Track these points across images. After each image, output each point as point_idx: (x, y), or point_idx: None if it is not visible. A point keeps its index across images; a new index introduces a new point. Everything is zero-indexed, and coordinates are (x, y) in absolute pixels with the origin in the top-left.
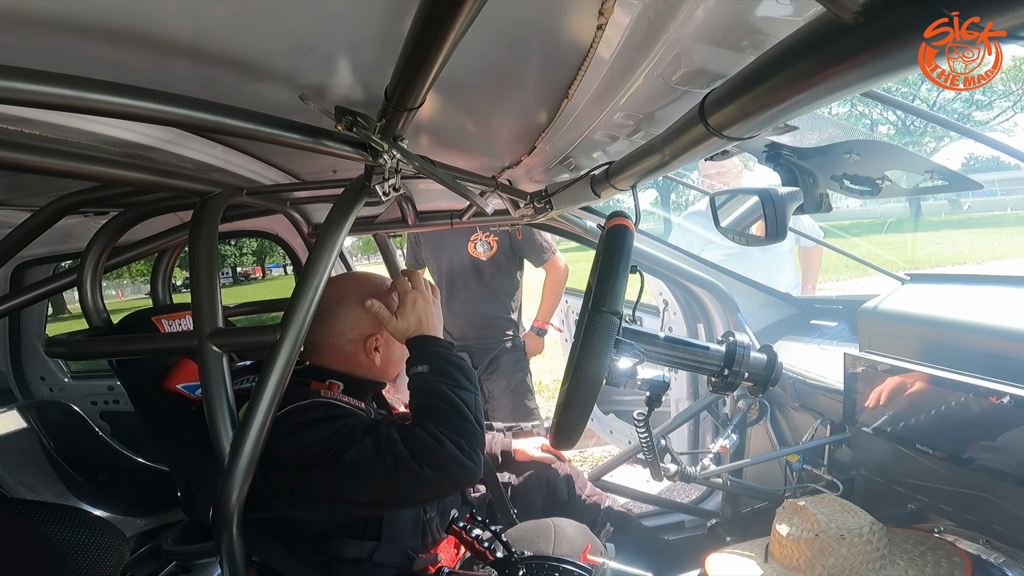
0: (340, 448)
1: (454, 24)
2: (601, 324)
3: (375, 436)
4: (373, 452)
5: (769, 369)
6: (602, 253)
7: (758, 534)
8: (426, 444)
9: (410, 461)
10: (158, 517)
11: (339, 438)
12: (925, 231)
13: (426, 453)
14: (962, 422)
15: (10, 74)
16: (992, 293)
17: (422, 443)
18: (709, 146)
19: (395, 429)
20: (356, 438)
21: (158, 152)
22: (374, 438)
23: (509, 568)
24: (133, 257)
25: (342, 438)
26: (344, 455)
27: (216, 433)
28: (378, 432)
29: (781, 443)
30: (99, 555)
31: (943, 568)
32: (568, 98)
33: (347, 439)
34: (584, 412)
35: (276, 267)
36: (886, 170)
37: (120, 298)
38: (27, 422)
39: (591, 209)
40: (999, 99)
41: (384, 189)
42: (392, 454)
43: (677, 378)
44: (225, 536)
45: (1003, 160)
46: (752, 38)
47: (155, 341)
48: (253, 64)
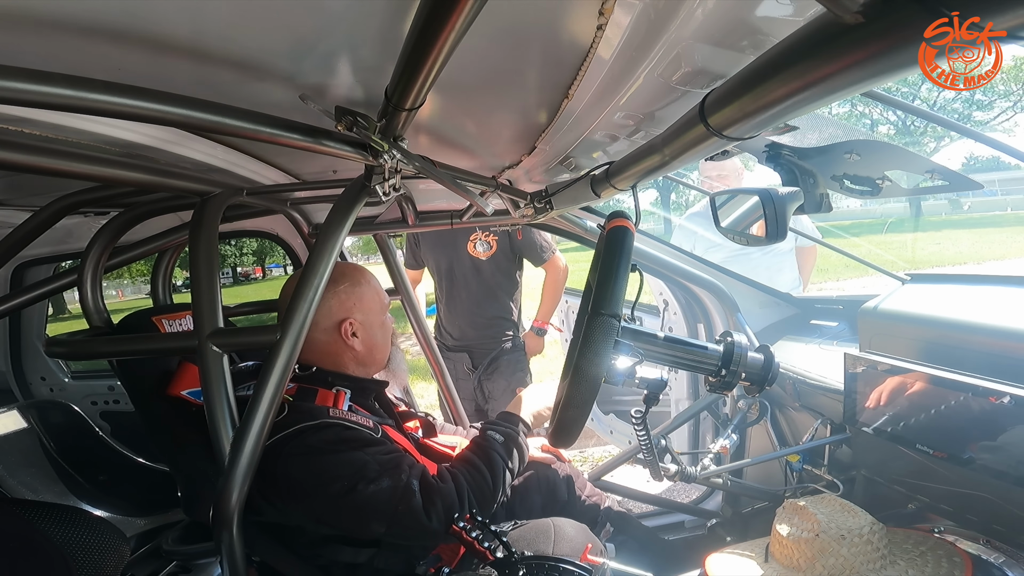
0: (353, 483)
1: (454, 24)
2: (601, 326)
3: (395, 480)
4: (388, 496)
5: (766, 369)
6: (602, 253)
7: (758, 534)
8: (449, 501)
9: (420, 514)
10: (158, 517)
11: (351, 472)
12: (925, 231)
13: (444, 509)
14: (962, 422)
15: (10, 74)
16: (992, 293)
17: (447, 497)
18: (709, 146)
19: (416, 479)
20: (371, 476)
21: (158, 152)
22: (393, 482)
23: (509, 568)
24: (133, 257)
25: (354, 472)
26: (356, 491)
27: (216, 433)
28: (398, 478)
29: (781, 443)
30: (99, 555)
31: (943, 568)
32: (568, 98)
33: (361, 475)
34: (583, 411)
35: (276, 267)
36: (886, 170)
37: (120, 298)
38: (27, 422)
39: (591, 209)
40: (999, 99)
41: (384, 189)
42: (404, 503)
43: (677, 378)
44: (225, 536)
45: (1003, 160)
46: (752, 38)
47: (155, 341)
48: (253, 64)
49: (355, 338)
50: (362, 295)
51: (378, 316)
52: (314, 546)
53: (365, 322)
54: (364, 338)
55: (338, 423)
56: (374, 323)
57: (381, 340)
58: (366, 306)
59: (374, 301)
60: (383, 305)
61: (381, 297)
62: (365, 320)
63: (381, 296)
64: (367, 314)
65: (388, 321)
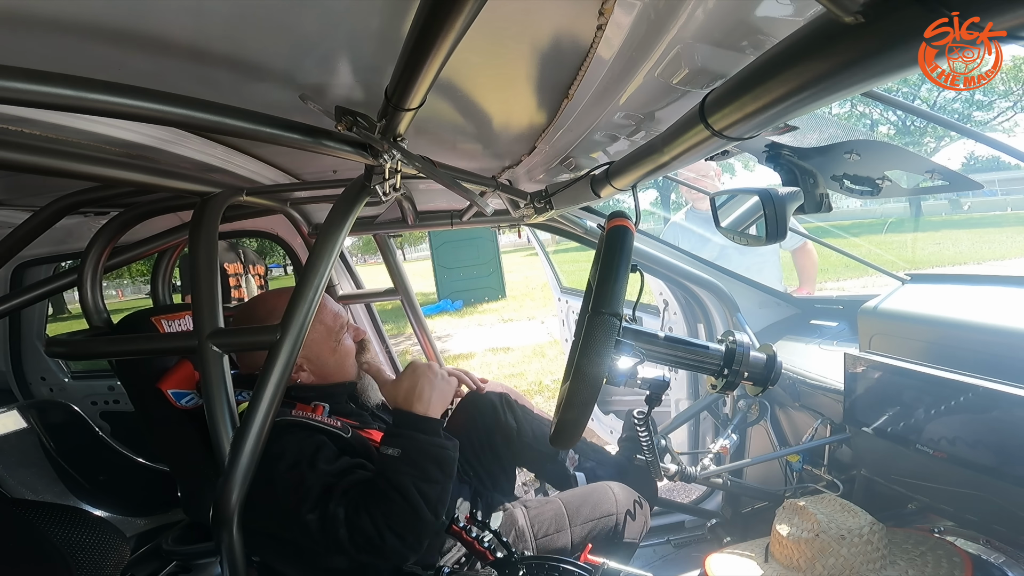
0: (296, 504)
1: (454, 24)
2: (601, 325)
3: (323, 512)
4: (318, 527)
5: (769, 368)
6: (602, 253)
7: (758, 534)
8: (368, 537)
9: (347, 545)
10: (158, 517)
11: (296, 493)
12: (925, 231)
13: (366, 543)
14: (962, 422)
15: (10, 74)
16: (992, 293)
17: (364, 535)
18: (709, 146)
19: (342, 507)
20: (311, 502)
21: (158, 152)
22: (321, 514)
23: (509, 568)
24: (133, 257)
25: (299, 494)
26: (299, 511)
27: (216, 433)
28: (325, 508)
29: (781, 443)
30: (99, 555)
31: (943, 568)
32: (568, 98)
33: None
34: (584, 412)
35: (276, 267)
36: (886, 170)
37: (120, 298)
38: (27, 422)
39: (591, 209)
40: (999, 99)
41: (384, 189)
42: (332, 535)
43: (677, 378)
44: (225, 536)
45: (1003, 160)
46: (752, 38)
47: (155, 341)
48: (253, 64)
49: (302, 371)
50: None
51: (325, 344)
52: (310, 550)
53: (310, 355)
54: (314, 370)
55: (298, 422)
56: (321, 352)
57: (335, 365)
58: (308, 340)
59: (315, 332)
60: (330, 331)
61: (327, 324)
62: (310, 354)
63: (326, 323)
64: (309, 348)
65: (344, 343)
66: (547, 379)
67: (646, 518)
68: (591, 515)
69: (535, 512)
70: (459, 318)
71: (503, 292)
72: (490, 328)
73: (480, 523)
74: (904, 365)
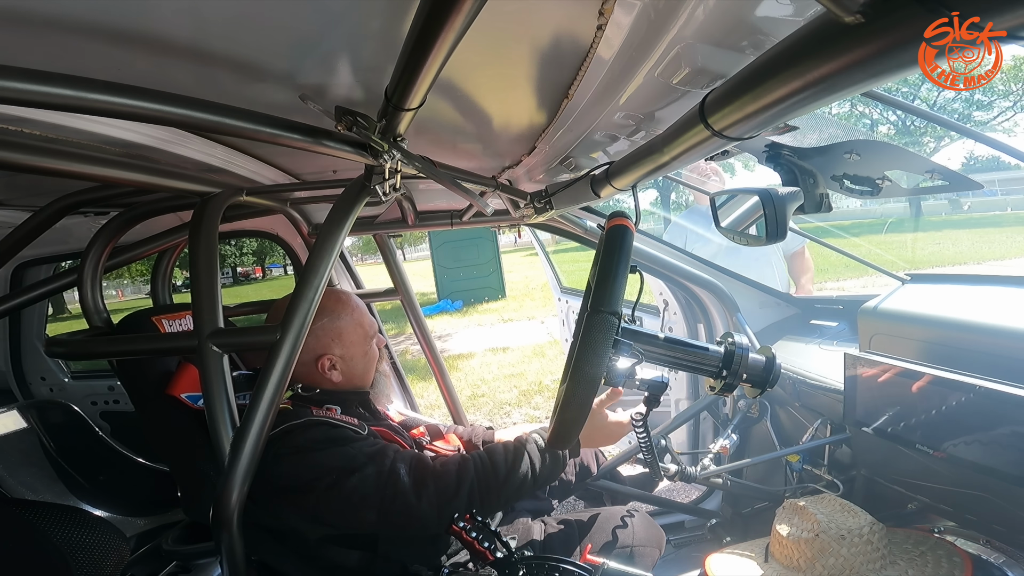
0: (339, 476)
1: (454, 24)
2: (600, 324)
3: (379, 467)
4: (373, 482)
5: (767, 371)
6: (602, 253)
7: (758, 534)
8: (443, 483)
9: (408, 495)
10: (158, 517)
11: (338, 465)
12: (925, 231)
13: (437, 491)
14: (962, 422)
15: (10, 74)
16: (992, 293)
17: (440, 479)
18: (709, 146)
19: (403, 463)
20: (358, 465)
21: (158, 152)
22: (377, 468)
23: (509, 568)
24: (133, 257)
25: (340, 465)
26: (343, 482)
27: (216, 433)
28: (382, 463)
29: (781, 443)
30: (99, 555)
31: (943, 568)
32: (568, 98)
33: (347, 467)
34: (583, 412)
35: (276, 267)
36: (886, 170)
37: (120, 298)
38: (27, 422)
39: (591, 209)
40: (999, 99)
41: (384, 189)
42: (391, 487)
43: (677, 378)
44: (225, 536)
45: (1003, 160)
46: (752, 38)
47: (155, 341)
48: (253, 64)
49: (334, 370)
50: (342, 330)
51: (360, 347)
52: (314, 547)
53: (345, 355)
54: (344, 370)
55: (324, 421)
56: (355, 355)
57: (362, 369)
58: (346, 340)
59: (355, 334)
60: (366, 335)
61: (364, 328)
62: (345, 354)
63: (364, 327)
64: (347, 347)
65: (372, 349)
66: (547, 379)
67: (660, 549)
68: (605, 543)
69: (551, 530)
70: (459, 318)
71: (503, 292)
72: (490, 328)
73: (480, 523)
74: (904, 365)
